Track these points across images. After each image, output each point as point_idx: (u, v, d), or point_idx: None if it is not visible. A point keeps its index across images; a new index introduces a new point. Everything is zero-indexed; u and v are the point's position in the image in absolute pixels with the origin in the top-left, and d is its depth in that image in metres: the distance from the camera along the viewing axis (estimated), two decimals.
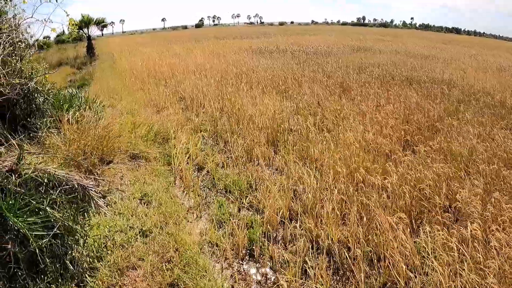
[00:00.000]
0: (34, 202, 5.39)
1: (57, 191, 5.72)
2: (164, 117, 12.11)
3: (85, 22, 39.65)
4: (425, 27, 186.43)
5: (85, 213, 5.89)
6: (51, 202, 5.50)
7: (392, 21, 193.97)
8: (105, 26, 44.03)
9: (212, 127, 11.32)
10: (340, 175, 7.26)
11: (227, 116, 12.28)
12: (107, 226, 5.92)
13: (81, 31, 41.07)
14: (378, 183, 6.84)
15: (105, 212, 6.16)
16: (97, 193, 6.43)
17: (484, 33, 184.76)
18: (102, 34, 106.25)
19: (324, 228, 5.96)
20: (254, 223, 6.43)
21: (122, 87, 17.13)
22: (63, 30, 42.61)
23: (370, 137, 9.20)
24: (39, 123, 8.83)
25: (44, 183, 5.66)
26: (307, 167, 8.11)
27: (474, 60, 31.50)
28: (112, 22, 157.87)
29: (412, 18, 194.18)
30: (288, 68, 21.20)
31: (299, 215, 6.50)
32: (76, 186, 6.13)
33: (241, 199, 7.34)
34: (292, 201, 7.00)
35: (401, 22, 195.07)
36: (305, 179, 7.37)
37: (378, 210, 6.03)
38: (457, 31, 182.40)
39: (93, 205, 6.22)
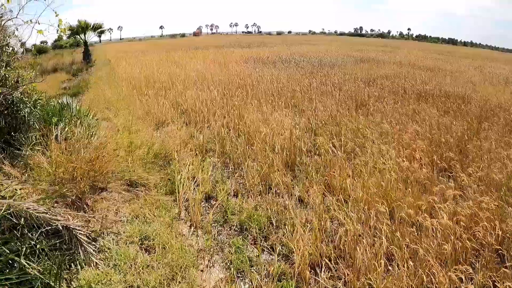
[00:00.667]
0: (8, 251, 4.32)
1: (38, 234, 4.71)
2: (164, 133, 10.97)
3: (82, 28, 38.66)
4: (422, 37, 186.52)
5: (72, 263, 4.75)
6: (28, 250, 4.43)
7: (389, 32, 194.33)
8: (102, 32, 42.95)
9: (220, 147, 9.94)
10: (379, 212, 6.09)
11: (235, 134, 11.07)
12: (100, 283, 4.64)
13: (77, 36, 40.13)
14: (426, 224, 5.67)
15: (96, 262, 4.97)
16: (86, 236, 5.26)
17: (480, 43, 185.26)
18: (100, 41, 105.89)
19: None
20: (282, 273, 5.21)
21: (119, 97, 15.96)
22: (60, 35, 41.26)
23: (405, 164, 7.98)
24: (23, 138, 7.72)
25: (21, 225, 4.62)
26: (335, 199, 6.92)
27: (479, 73, 30.86)
28: (110, 28, 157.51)
29: (409, 29, 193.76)
30: (294, 79, 20.04)
31: (332, 261, 5.33)
32: (61, 228, 4.98)
33: (261, 239, 6.13)
34: (323, 243, 5.79)
35: (398, 33, 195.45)
36: (336, 215, 6.21)
37: (433, 260, 4.90)
38: (453, 42, 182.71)
39: (81, 253, 5.05)
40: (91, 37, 41.11)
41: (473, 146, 9.77)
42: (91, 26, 39.48)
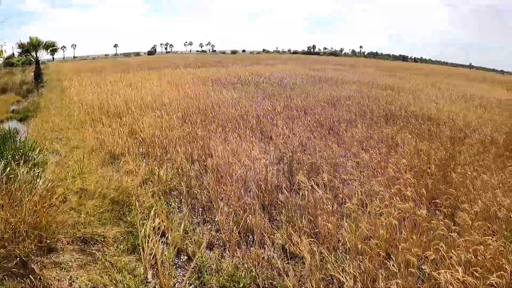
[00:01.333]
0: None
1: None
2: (122, 170, 9.61)
3: (33, 45, 36.53)
4: (374, 55, 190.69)
5: None
6: None
7: (342, 50, 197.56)
8: (55, 50, 40.58)
9: (186, 186, 8.67)
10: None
11: (201, 168, 10.01)
12: None
13: (28, 55, 38.18)
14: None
15: None
16: None
17: (430, 59, 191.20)
18: (53, 59, 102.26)
19: None
20: None
21: (70, 124, 14.70)
22: (13, 53, 38.98)
23: (399, 204, 7.09)
24: None
25: None
26: (325, 247, 6.00)
27: (437, 90, 31.77)
28: (63, 46, 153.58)
29: (361, 47, 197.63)
30: (257, 102, 19.17)
31: None
32: None
33: None
34: None
35: (350, 51, 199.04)
36: (336, 275, 5.28)
37: None
38: (404, 58, 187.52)
39: None
40: (43, 55, 39.02)
41: (458, 174, 9.20)
42: (43, 44, 37.27)
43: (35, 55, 37.53)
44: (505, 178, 9.12)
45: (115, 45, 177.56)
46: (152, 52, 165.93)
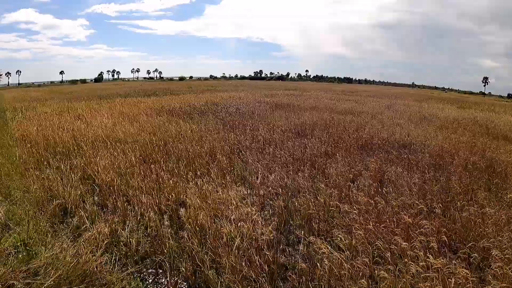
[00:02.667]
0: None
1: None
2: (75, 235, 7.47)
3: None
4: (320, 78, 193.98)
5: None
6: None
7: (288, 74, 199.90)
8: None
9: (161, 254, 6.75)
10: None
11: (175, 224, 8.22)
12: None
13: None
14: None
15: None
16: None
17: (373, 80, 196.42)
18: None
19: None
20: None
21: (10, 169, 12.51)
22: None
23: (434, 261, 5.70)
24: None
25: None
26: None
27: (395, 112, 31.71)
28: (8, 72, 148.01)
29: (307, 71, 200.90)
30: (219, 135, 17.63)
31: None
32: None
33: None
34: None
35: (296, 75, 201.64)
36: None
37: None
38: (349, 80, 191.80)
39: None
40: None
41: (464, 211, 8.36)
42: None
43: None
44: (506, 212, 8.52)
45: (61, 72, 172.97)
46: (99, 79, 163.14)
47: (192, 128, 19.15)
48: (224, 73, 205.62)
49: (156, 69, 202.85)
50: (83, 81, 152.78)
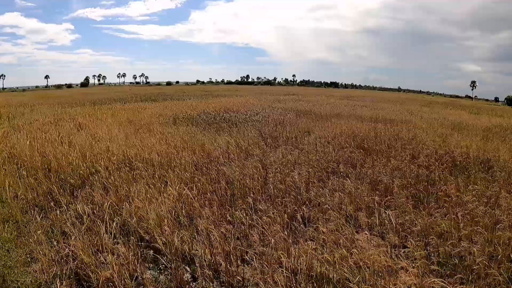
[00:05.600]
0: None
1: None
2: None
3: None
4: (306, 82, 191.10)
5: None
6: None
7: (275, 79, 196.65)
8: None
9: None
10: None
11: None
12: None
13: None
14: None
15: None
16: None
17: (360, 85, 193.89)
18: None
19: None
20: None
21: None
22: None
23: None
24: None
25: None
26: None
27: (419, 118, 29.09)
28: None
29: (294, 75, 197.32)
30: (276, 152, 13.63)
31: None
32: None
33: None
34: None
35: (283, 79, 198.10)
36: None
37: None
38: (335, 85, 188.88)
39: None
40: None
41: None
42: None
43: None
44: None
45: (46, 76, 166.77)
46: (85, 84, 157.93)
47: (229, 142, 14.90)
48: (210, 78, 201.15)
49: (143, 73, 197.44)
50: (69, 86, 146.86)
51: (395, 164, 12.01)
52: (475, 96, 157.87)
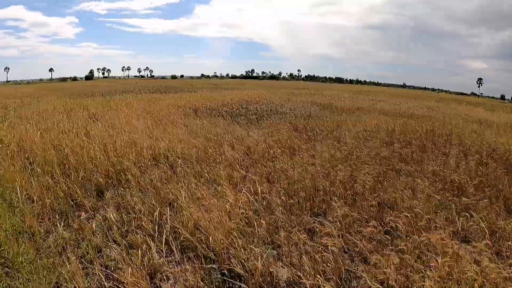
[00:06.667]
0: None
1: None
2: None
3: None
4: (311, 78, 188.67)
5: None
6: None
7: (280, 74, 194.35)
8: None
9: None
10: None
11: None
12: None
13: None
14: None
15: None
16: None
17: (365, 81, 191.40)
18: None
19: None
20: None
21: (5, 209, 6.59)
22: None
23: None
24: None
25: None
26: None
27: (443, 115, 26.48)
28: None
29: (299, 70, 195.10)
30: (306, 145, 11.88)
31: None
32: None
33: None
34: None
35: (288, 74, 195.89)
36: None
37: None
38: (340, 80, 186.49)
39: None
40: None
41: None
42: None
43: None
44: None
45: (51, 69, 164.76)
46: (89, 77, 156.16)
47: (256, 134, 13.15)
48: (215, 72, 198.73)
49: (147, 67, 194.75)
50: (74, 79, 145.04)
51: (455, 162, 10.41)
52: (481, 93, 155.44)
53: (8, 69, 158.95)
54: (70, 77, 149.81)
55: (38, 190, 7.52)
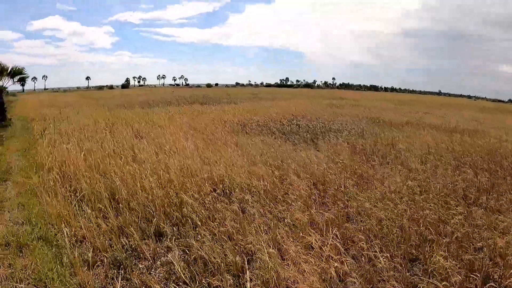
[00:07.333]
0: None
1: None
2: None
3: None
4: (346, 86, 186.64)
5: None
6: None
7: (314, 82, 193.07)
8: (23, 79, 29.73)
9: None
10: None
11: None
12: None
13: None
14: None
15: None
16: None
17: (400, 88, 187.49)
18: (23, 90, 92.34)
19: None
20: None
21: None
22: None
23: None
24: None
25: None
26: None
27: (490, 127, 25.37)
28: (34, 77, 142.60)
29: (334, 78, 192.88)
30: (372, 170, 10.56)
31: None
32: None
33: None
34: None
35: (323, 83, 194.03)
36: None
37: None
38: (375, 88, 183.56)
39: None
40: (9, 84, 28.40)
41: None
42: (8, 70, 27.09)
43: None
44: None
45: (87, 78, 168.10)
46: (126, 85, 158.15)
47: (326, 159, 11.83)
48: (249, 80, 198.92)
49: (182, 75, 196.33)
50: (110, 87, 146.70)
51: None
52: None
53: (46, 77, 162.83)
54: (107, 85, 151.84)
55: (85, 229, 6.51)
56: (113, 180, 8.96)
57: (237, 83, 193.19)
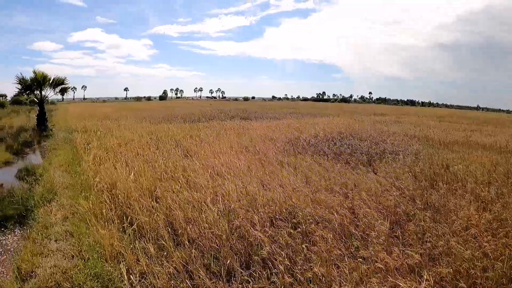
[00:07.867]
0: None
1: None
2: None
3: (38, 82, 27.35)
4: (382, 100, 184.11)
5: None
6: None
7: (351, 96, 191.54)
8: (65, 89, 30.39)
9: None
10: None
11: None
12: None
13: (31, 93, 28.80)
14: None
15: None
16: None
17: (437, 103, 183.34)
18: (63, 99, 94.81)
19: None
20: None
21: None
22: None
23: None
24: None
25: None
26: None
27: None
28: (73, 87, 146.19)
29: (370, 93, 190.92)
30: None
31: None
32: None
33: None
34: None
35: (359, 97, 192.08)
36: None
37: None
38: (412, 103, 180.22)
39: None
40: (50, 94, 29.10)
41: None
42: (50, 80, 28.28)
43: (39, 93, 28.31)
44: None
45: (125, 89, 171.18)
46: (163, 97, 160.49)
47: (389, 186, 10.90)
48: (286, 94, 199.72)
49: (219, 88, 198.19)
50: (148, 99, 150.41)
51: None
52: None
53: (85, 87, 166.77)
54: (145, 97, 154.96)
55: (147, 268, 5.83)
56: (169, 207, 8.30)
57: (274, 97, 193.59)
